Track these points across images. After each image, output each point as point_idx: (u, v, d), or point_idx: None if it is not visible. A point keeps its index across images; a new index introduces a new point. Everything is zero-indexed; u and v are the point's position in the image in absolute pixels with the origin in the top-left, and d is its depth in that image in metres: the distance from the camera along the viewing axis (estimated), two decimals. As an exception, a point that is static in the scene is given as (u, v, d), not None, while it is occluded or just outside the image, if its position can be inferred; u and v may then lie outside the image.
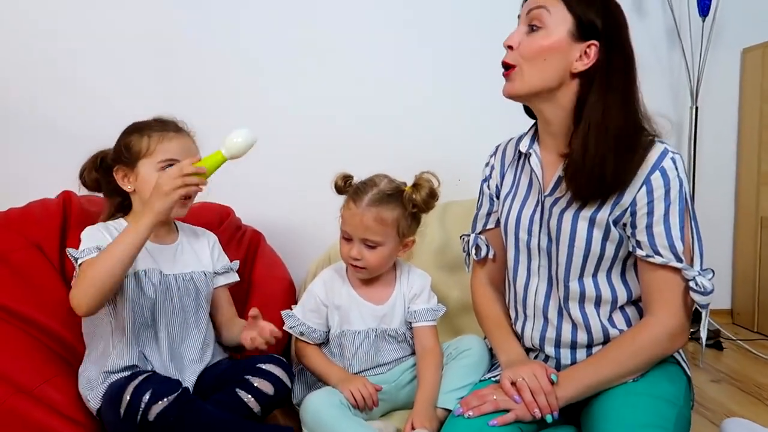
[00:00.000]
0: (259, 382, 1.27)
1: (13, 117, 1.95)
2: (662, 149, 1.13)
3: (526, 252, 1.27)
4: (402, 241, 1.38)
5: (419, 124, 2.16)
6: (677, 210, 1.12)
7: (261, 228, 1.91)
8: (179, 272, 1.37)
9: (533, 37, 1.15)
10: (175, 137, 1.34)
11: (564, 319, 1.23)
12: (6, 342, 1.30)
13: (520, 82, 1.17)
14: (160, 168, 1.31)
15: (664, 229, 1.12)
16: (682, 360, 1.24)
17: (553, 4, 1.14)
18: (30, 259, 1.46)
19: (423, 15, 2.14)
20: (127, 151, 1.33)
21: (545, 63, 1.14)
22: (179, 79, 2.01)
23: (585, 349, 1.22)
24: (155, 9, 1.99)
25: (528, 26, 1.16)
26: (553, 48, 1.13)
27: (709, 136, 2.36)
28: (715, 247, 2.36)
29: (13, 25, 1.93)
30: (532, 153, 1.24)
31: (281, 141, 2.08)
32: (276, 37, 2.07)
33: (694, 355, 2.04)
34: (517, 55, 1.16)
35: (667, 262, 1.12)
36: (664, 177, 1.11)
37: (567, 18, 1.13)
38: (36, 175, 1.91)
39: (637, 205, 1.13)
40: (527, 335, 1.28)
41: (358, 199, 1.34)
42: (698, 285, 1.11)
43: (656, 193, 1.12)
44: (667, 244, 1.12)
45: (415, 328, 1.41)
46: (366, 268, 1.37)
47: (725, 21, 2.28)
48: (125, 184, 1.35)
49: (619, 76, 1.13)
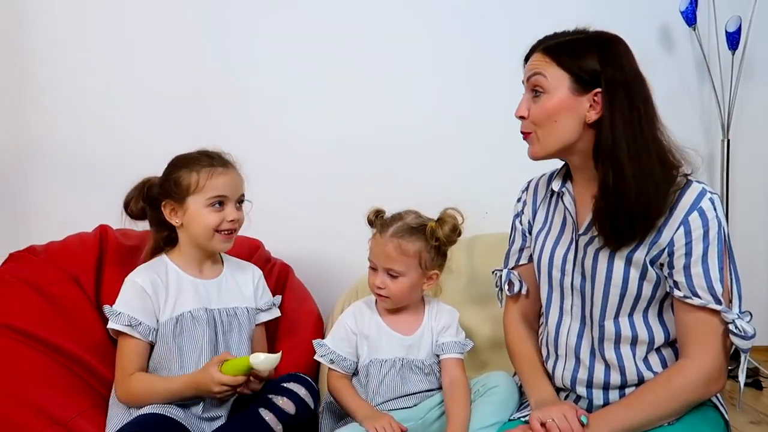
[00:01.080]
0: (282, 402, 1.27)
1: (52, 154, 2.04)
2: (700, 189, 1.11)
3: (559, 290, 1.26)
4: (425, 273, 1.41)
5: (447, 156, 2.17)
6: (716, 251, 1.10)
7: (289, 261, 1.93)
8: (223, 307, 1.39)
9: (539, 102, 1.16)
10: (223, 173, 1.37)
11: (597, 359, 1.21)
12: (42, 373, 1.33)
13: (538, 146, 1.18)
14: (209, 204, 1.34)
15: (702, 270, 1.10)
16: (720, 404, 1.21)
17: (546, 67, 1.15)
18: (67, 291, 1.50)
19: (453, 47, 2.17)
20: (176, 186, 1.36)
21: (557, 124, 1.15)
22: (210, 117, 2.07)
23: (618, 390, 1.20)
24: (188, 53, 2.07)
25: (532, 92, 1.17)
26: (559, 108, 1.14)
27: (742, 169, 2.32)
28: (751, 282, 2.31)
29: (55, 64, 2.03)
30: (565, 192, 1.24)
31: (309, 175, 2.13)
32: (306, 72, 2.12)
33: (732, 395, 1.97)
34: (529, 123, 1.18)
35: (705, 304, 1.10)
36: (702, 217, 1.09)
37: (563, 76, 1.14)
38: (74, 209, 1.97)
39: (675, 245, 1.11)
40: (558, 375, 1.26)
41: (383, 231, 1.40)
42: (738, 328, 1.09)
43: (694, 234, 1.10)
44: (706, 285, 1.10)
45: (442, 360, 1.42)
46: (389, 297, 1.40)
47: (755, 53, 2.27)
48: (173, 219, 1.38)
49: (627, 112, 1.11)
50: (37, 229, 1.82)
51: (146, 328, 1.32)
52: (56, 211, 2.02)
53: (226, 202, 1.37)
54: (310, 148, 2.13)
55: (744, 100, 2.27)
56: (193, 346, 1.34)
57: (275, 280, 1.81)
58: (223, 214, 1.36)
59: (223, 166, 1.38)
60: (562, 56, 1.14)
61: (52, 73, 2.03)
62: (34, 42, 2.02)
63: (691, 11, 2.15)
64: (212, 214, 1.35)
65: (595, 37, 1.17)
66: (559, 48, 1.15)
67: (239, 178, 1.41)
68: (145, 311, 1.32)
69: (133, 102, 2.05)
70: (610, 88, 1.12)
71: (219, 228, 1.36)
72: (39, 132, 2.04)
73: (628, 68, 1.14)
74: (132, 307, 1.32)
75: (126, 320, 1.30)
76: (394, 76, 2.15)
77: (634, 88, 1.13)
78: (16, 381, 1.29)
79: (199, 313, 1.35)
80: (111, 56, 2.05)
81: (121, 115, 2.05)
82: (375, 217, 1.44)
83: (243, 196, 1.42)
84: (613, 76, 1.12)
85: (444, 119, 2.17)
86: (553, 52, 1.15)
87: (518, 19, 2.17)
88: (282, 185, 2.10)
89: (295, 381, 1.31)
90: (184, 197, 1.35)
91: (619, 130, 1.11)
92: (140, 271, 1.38)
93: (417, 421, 1.37)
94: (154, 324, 1.34)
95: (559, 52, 1.15)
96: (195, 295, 1.37)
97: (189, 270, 1.40)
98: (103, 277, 1.58)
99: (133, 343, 1.31)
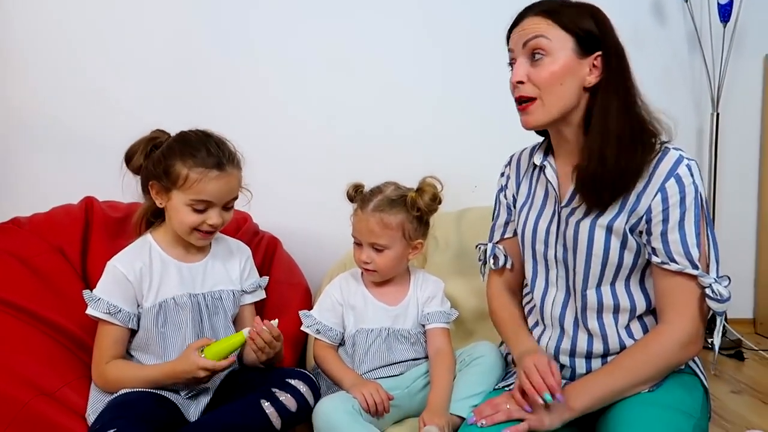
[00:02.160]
0: (285, 397, 1.24)
1: (37, 126, 2.01)
2: (677, 156, 1.12)
3: (544, 263, 1.27)
4: (410, 243, 1.41)
5: (435, 131, 2.16)
6: (693, 217, 1.11)
7: (278, 234, 1.92)
8: (208, 291, 1.37)
9: (541, 65, 1.14)
10: (216, 177, 1.28)
11: (580, 329, 1.22)
12: (29, 345, 1.33)
13: (542, 112, 1.16)
14: (190, 204, 1.28)
15: (679, 236, 1.11)
16: (699, 371, 1.22)
17: (548, 29, 1.13)
18: (52, 263, 1.50)
19: (438, 24, 2.15)
20: (165, 174, 1.29)
21: (563, 87, 1.14)
22: (201, 91, 2.05)
23: (600, 358, 1.21)
24: (180, 25, 2.03)
25: (529, 57, 1.15)
26: (565, 71, 1.13)
27: (731, 143, 2.33)
28: (737, 254, 2.34)
29: (41, 36, 1.98)
30: (547, 165, 1.25)
31: (298, 150, 2.11)
32: (295, 51, 2.09)
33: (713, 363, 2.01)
34: (532, 87, 1.15)
35: (682, 269, 1.11)
36: (679, 184, 1.11)
37: (566, 38, 1.13)
38: (59, 181, 1.96)
39: (652, 212, 1.12)
40: (542, 344, 1.27)
41: (364, 206, 1.40)
42: (714, 292, 1.10)
43: (671, 200, 1.11)
44: (683, 251, 1.11)
45: (428, 330, 1.44)
46: (377, 271, 1.41)
47: (747, 27, 2.25)
48: (157, 200, 1.33)
49: (619, 79, 1.14)
50: (22, 202, 1.79)
51: (126, 314, 1.29)
52: (41, 183, 2.00)
53: (211, 207, 1.30)
54: (300, 123, 2.11)
55: (734, 73, 2.26)
56: (177, 332, 1.32)
57: (263, 253, 1.81)
58: (204, 217, 1.30)
59: (219, 168, 1.29)
60: (564, 17, 1.13)
61: (37, 43, 1.99)
62: (18, 13, 1.97)
63: (684, -17, 2.13)
64: (192, 214, 1.29)
65: (583, 5, 1.17)
66: (558, 9, 1.14)
67: (234, 181, 1.33)
68: (125, 298, 1.29)
69: (122, 73, 2.02)
70: (610, 52, 1.13)
71: (198, 228, 1.31)
72: (26, 104, 2.01)
73: (615, 35, 1.16)
74: (112, 293, 1.28)
75: (105, 307, 1.27)
76: (383, 55, 2.13)
77: (621, 51, 1.15)
78: (2, 352, 1.29)
79: (182, 300, 1.33)
80: (100, 27, 2.00)
81: (108, 87, 2.02)
82: (354, 192, 1.43)
83: (234, 199, 1.36)
84: (611, 42, 1.14)
85: (431, 93, 2.16)
86: (553, 14, 1.14)
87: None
88: (272, 158, 2.08)
89: (299, 378, 1.28)
90: (170, 188, 1.29)
91: (613, 96, 1.12)
92: (123, 256, 1.33)
93: (403, 390, 1.38)
94: (135, 310, 1.31)
95: (560, 13, 1.14)
96: (179, 280, 1.34)
97: (173, 252, 1.36)
98: (89, 249, 1.58)
99: (111, 330, 1.29)
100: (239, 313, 1.45)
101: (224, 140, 1.35)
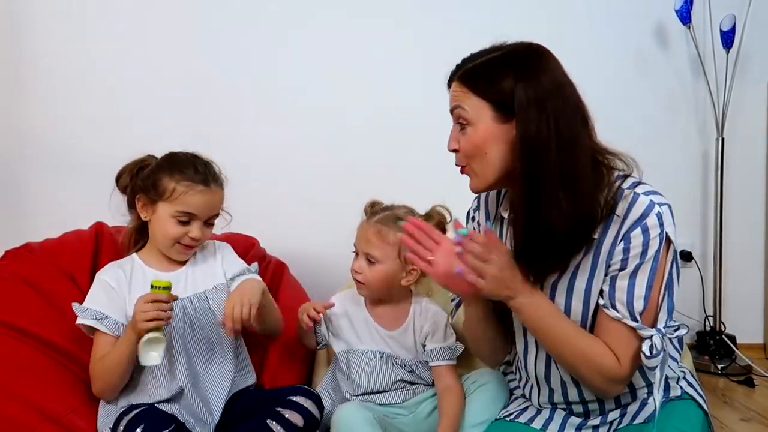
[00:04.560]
0: (290, 414, 1.26)
1: (49, 152, 2.05)
2: (647, 203, 1.06)
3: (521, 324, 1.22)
4: (405, 267, 1.38)
5: (444, 155, 2.17)
6: (648, 269, 1.07)
7: (285, 258, 1.93)
8: (193, 293, 1.40)
9: (465, 134, 1.11)
10: (201, 192, 1.36)
11: (568, 384, 1.19)
12: (36, 370, 1.34)
13: (476, 179, 1.13)
14: (175, 216, 1.35)
15: (627, 284, 1.07)
16: (697, 393, 1.19)
17: (464, 98, 1.09)
18: (62, 288, 1.51)
19: (454, 45, 2.15)
20: (153, 187, 1.37)
21: (489, 156, 1.09)
22: (211, 117, 2.10)
23: (596, 401, 1.19)
24: (186, 50, 2.08)
25: (458, 124, 1.12)
26: (485, 139, 1.09)
27: (737, 168, 2.32)
28: (745, 281, 2.32)
29: (53, 61, 2.03)
30: (505, 219, 1.21)
31: (304, 173, 2.14)
32: (303, 75, 2.13)
33: (724, 392, 1.99)
34: (461, 156, 1.13)
35: (620, 318, 1.08)
36: (645, 234, 1.06)
37: (482, 105, 1.08)
38: (71, 207, 1.99)
39: (613, 258, 1.09)
40: (534, 398, 1.26)
41: (370, 217, 1.41)
42: (653, 346, 1.05)
43: (633, 251, 1.07)
44: (626, 300, 1.08)
45: (433, 368, 1.41)
46: (365, 284, 1.39)
47: (750, 53, 2.27)
48: (143, 213, 1.39)
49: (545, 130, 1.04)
50: (33, 226, 1.83)
51: (113, 322, 1.31)
52: (53, 208, 2.03)
53: (194, 219, 1.37)
54: (305, 146, 2.14)
55: (738, 98, 2.27)
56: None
57: (270, 278, 1.82)
58: (187, 230, 1.36)
59: (204, 184, 1.36)
60: (478, 83, 1.08)
61: (49, 71, 2.04)
62: (32, 40, 2.02)
63: (686, 10, 2.16)
64: (176, 226, 1.36)
65: (511, 53, 1.10)
66: (474, 75, 1.09)
67: (217, 198, 1.40)
68: (111, 305, 1.33)
69: (131, 100, 2.07)
70: (522, 108, 1.05)
71: (180, 240, 1.37)
72: (36, 129, 2.06)
73: (547, 81, 1.06)
74: (98, 301, 1.33)
75: (92, 314, 1.31)
76: (391, 75, 2.16)
77: (552, 101, 1.05)
78: (10, 377, 1.30)
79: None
80: (109, 55, 2.06)
81: (118, 113, 2.06)
82: (371, 208, 1.45)
83: (215, 216, 1.42)
84: (526, 95, 1.04)
85: (441, 118, 2.16)
86: (468, 80, 1.09)
87: (517, 18, 2.17)
88: (277, 183, 2.11)
89: (302, 394, 1.31)
90: (157, 200, 1.36)
91: (541, 150, 1.04)
92: (107, 267, 1.40)
93: (408, 415, 1.38)
94: (123, 319, 1.33)
95: (475, 79, 1.09)
96: None
97: (156, 264, 1.41)
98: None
99: (101, 339, 1.31)
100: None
101: (210, 161, 1.43)
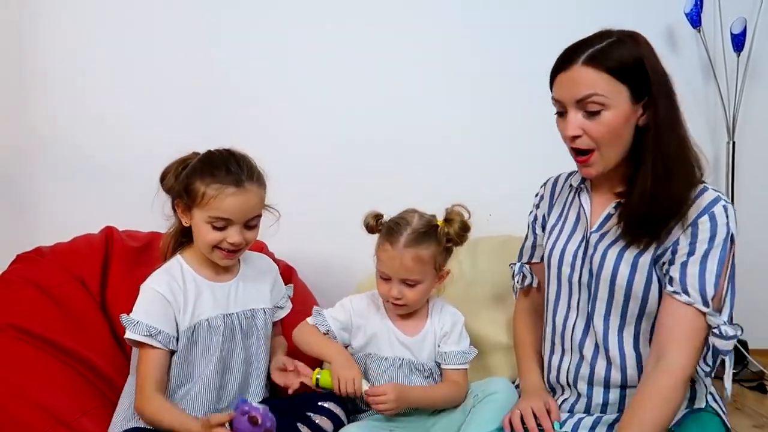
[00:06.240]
0: (320, 420, 1.27)
1: (59, 155, 2.06)
2: (715, 196, 1.12)
3: (567, 286, 1.27)
4: (438, 274, 1.38)
5: (451, 158, 2.18)
6: (718, 256, 1.09)
7: (292, 263, 1.93)
8: (242, 309, 1.36)
9: (600, 119, 1.11)
10: (234, 194, 1.26)
11: (600, 355, 1.21)
12: (47, 373, 1.34)
13: (601, 164, 1.15)
14: (209, 221, 1.27)
15: (699, 269, 1.09)
16: (720, 409, 1.21)
17: (602, 84, 1.09)
18: (73, 293, 1.52)
19: (460, 49, 2.17)
20: (186, 192, 1.30)
21: (621, 137, 1.13)
22: (218, 119, 2.09)
23: (618, 389, 1.20)
24: (193, 51, 2.08)
25: (583, 110, 1.12)
26: (624, 122, 1.11)
27: (748, 171, 2.31)
28: (757, 284, 2.29)
29: (60, 64, 2.04)
30: (583, 188, 1.27)
31: (313, 175, 2.14)
32: (310, 76, 2.13)
33: (736, 398, 1.97)
34: (589, 141, 1.13)
35: (692, 303, 1.09)
36: (712, 221, 1.10)
37: (621, 89, 1.10)
38: (81, 211, 1.99)
39: (679, 244, 1.11)
40: (564, 370, 1.27)
41: (394, 241, 1.33)
42: (722, 333, 1.07)
43: (701, 236, 1.10)
44: (698, 285, 1.09)
45: (444, 370, 1.40)
46: (407, 305, 1.37)
47: (761, 56, 2.25)
48: (183, 219, 1.33)
49: (670, 116, 1.12)
50: (44, 231, 1.83)
51: (166, 336, 1.26)
52: (63, 212, 2.04)
53: (230, 224, 1.28)
54: (313, 148, 2.14)
55: (749, 102, 2.25)
56: (202, 358, 1.31)
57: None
58: (224, 235, 1.28)
59: (236, 185, 1.27)
60: (615, 66, 1.09)
61: (59, 74, 2.05)
62: (39, 43, 2.04)
63: (696, 13, 2.14)
64: (212, 232, 1.28)
65: (629, 37, 1.14)
66: (608, 59, 1.10)
67: (254, 199, 1.30)
68: (165, 319, 1.27)
69: (140, 103, 2.07)
70: (660, 90, 1.11)
71: (219, 246, 1.30)
72: (46, 133, 2.06)
73: (661, 67, 1.13)
74: (150, 315, 1.26)
75: (144, 329, 1.24)
76: (399, 76, 2.15)
77: (669, 85, 1.13)
78: (22, 380, 1.31)
79: (216, 323, 1.32)
80: (117, 57, 2.06)
81: (128, 117, 2.07)
82: (375, 222, 1.38)
83: (257, 218, 1.34)
84: (660, 79, 1.12)
85: (448, 120, 2.17)
86: (602, 62, 1.09)
87: (522, 20, 2.17)
88: (285, 185, 2.08)
89: (331, 400, 1.31)
90: (191, 206, 1.29)
91: (668, 132, 1.11)
92: (157, 276, 1.31)
93: (416, 423, 1.37)
94: (174, 332, 1.28)
95: (610, 62, 1.09)
96: (213, 300, 1.33)
97: (204, 272, 1.35)
98: (109, 279, 1.60)
99: (152, 354, 1.25)
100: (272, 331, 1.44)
101: (246, 157, 1.34)
